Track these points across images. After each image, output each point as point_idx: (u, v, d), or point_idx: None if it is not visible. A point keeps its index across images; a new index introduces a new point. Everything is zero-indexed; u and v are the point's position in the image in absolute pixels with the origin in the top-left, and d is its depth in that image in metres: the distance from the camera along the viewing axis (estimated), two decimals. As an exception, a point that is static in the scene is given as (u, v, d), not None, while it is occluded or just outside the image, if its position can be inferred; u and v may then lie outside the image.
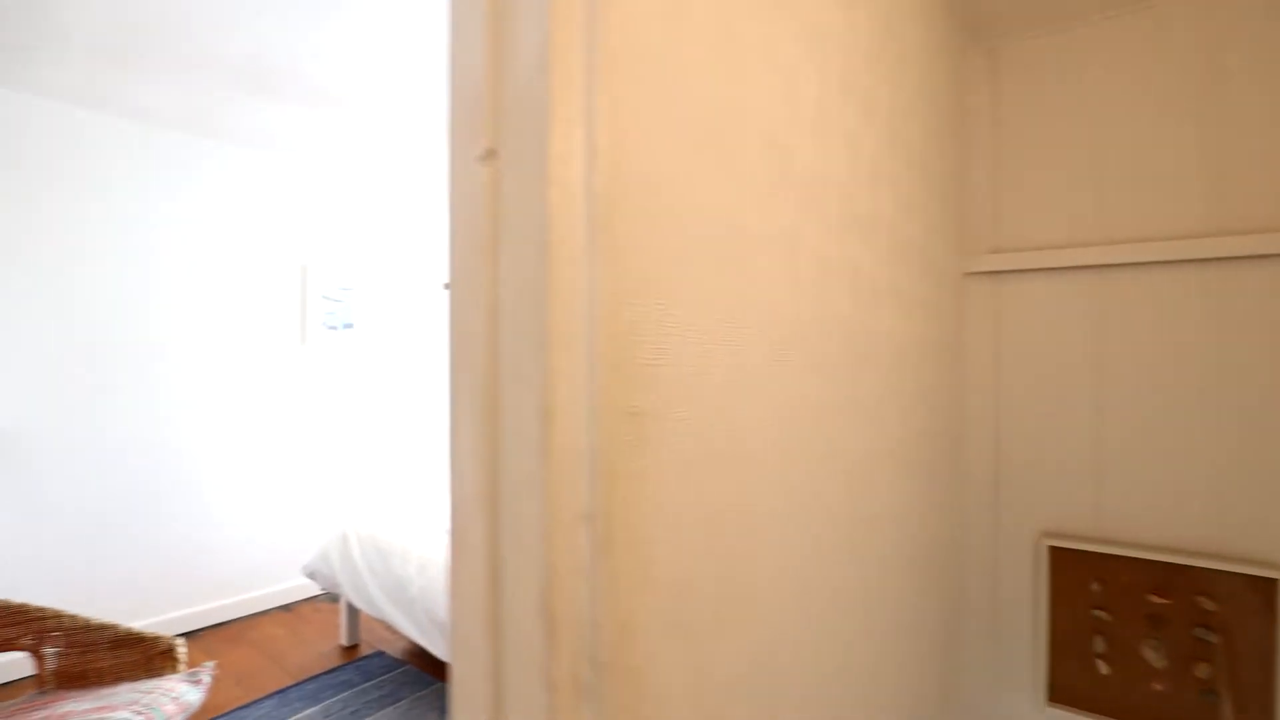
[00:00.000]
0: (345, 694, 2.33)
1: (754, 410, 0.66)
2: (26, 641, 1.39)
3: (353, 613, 2.73)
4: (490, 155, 0.47)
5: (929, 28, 1.28)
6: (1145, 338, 1.33)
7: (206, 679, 1.40)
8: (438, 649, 2.15)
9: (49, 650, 1.39)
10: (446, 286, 0.53)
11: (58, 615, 1.41)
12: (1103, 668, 1.43)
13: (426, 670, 2.49)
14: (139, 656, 1.41)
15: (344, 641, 2.74)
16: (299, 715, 2.20)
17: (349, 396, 3.46)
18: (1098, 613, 1.44)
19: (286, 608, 3.16)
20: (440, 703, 2.27)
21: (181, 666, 1.43)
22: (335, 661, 2.61)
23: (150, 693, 1.29)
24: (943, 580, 1.40)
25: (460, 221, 0.50)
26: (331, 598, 3.19)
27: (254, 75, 2.28)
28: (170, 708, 1.26)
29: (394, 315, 3.67)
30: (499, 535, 0.46)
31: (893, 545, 1.07)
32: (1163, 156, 1.31)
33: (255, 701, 2.28)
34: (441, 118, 2.65)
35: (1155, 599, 1.37)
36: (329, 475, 3.37)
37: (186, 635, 2.83)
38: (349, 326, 3.40)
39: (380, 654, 2.66)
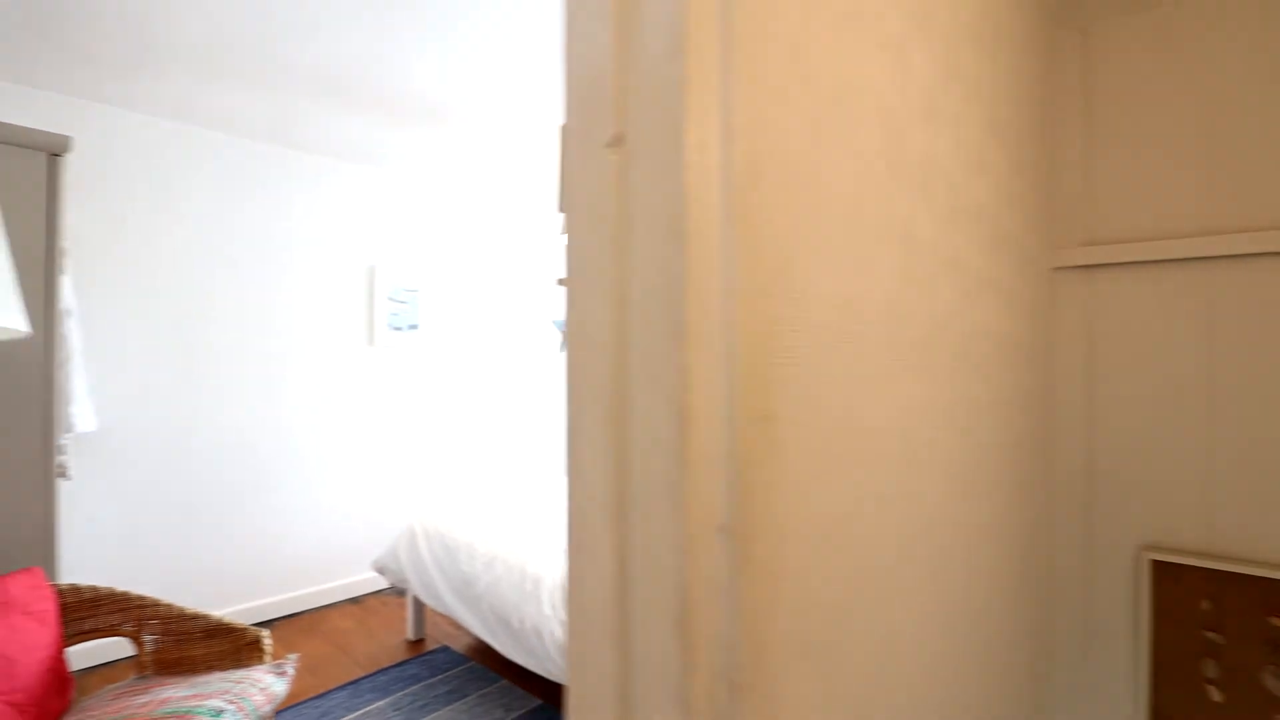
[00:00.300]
0: (414, 688, 2.38)
1: (872, 413, 0.62)
2: (128, 628, 1.45)
3: (418, 607, 2.78)
4: (618, 142, 0.44)
5: (1019, 7, 1.20)
6: (1264, 336, 1.22)
7: (290, 671, 1.43)
8: (503, 646, 2.17)
9: (148, 637, 1.45)
10: (561, 282, 0.51)
11: (155, 604, 1.47)
12: (1215, 695, 1.32)
13: (491, 667, 2.52)
14: (229, 646, 1.46)
15: (410, 636, 2.80)
16: (370, 707, 2.25)
17: (414, 396, 3.54)
18: (1209, 634, 1.32)
19: (355, 600, 3.25)
20: (505, 700, 2.29)
21: (267, 658, 1.47)
22: (402, 655, 2.67)
23: (240, 682, 1.32)
24: (1031, 596, 1.31)
25: (582, 212, 0.47)
26: (397, 592, 3.27)
27: (326, 84, 2.35)
28: (259, 698, 1.30)
29: (457, 316, 3.73)
30: (627, 547, 0.44)
31: (986, 558, 1.01)
32: (1285, 134, 1.20)
33: (328, 692, 2.35)
34: (506, 119, 2.68)
35: (1278, 622, 1.26)
36: (396, 472, 3.46)
37: (263, 624, 2.95)
38: (414, 328, 3.47)
39: (445, 649, 2.71)
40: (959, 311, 0.87)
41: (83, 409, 2.28)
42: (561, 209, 0.53)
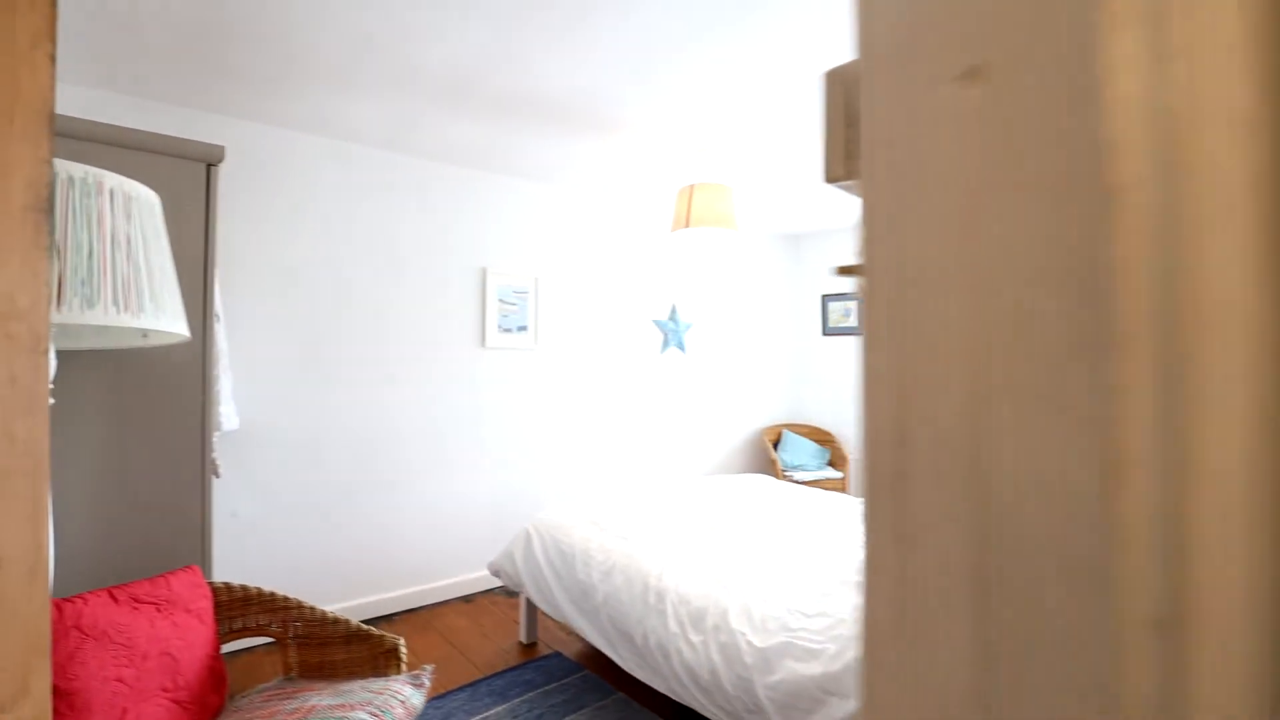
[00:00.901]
0: (530, 694, 2.34)
1: None
2: (275, 629, 1.47)
3: (531, 611, 2.76)
4: (974, 74, 0.32)
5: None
6: None
7: (427, 682, 1.40)
8: (624, 660, 2.09)
9: (293, 639, 1.47)
10: (853, 271, 0.39)
11: (300, 605, 1.49)
12: None
13: (605, 678, 2.45)
14: (367, 654, 1.45)
15: (523, 639, 2.78)
16: (489, 712, 2.23)
17: (525, 397, 3.56)
18: None
19: (467, 599, 3.29)
20: (623, 714, 2.21)
21: (404, 667, 1.45)
22: (516, 658, 2.65)
23: (381, 693, 1.29)
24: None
25: (903, 176, 0.35)
26: (507, 592, 3.28)
27: (446, 89, 2.36)
28: (399, 711, 1.26)
29: (566, 317, 3.72)
30: (995, 643, 0.31)
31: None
32: None
33: (448, 693, 2.36)
34: (622, 121, 2.60)
35: None
36: (508, 473, 3.48)
37: (381, 619, 3.03)
38: (523, 329, 3.48)
39: (558, 655, 2.67)
40: None
41: (228, 409, 2.40)
42: (850, 175, 0.41)
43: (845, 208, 4.22)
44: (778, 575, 2.02)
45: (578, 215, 3.81)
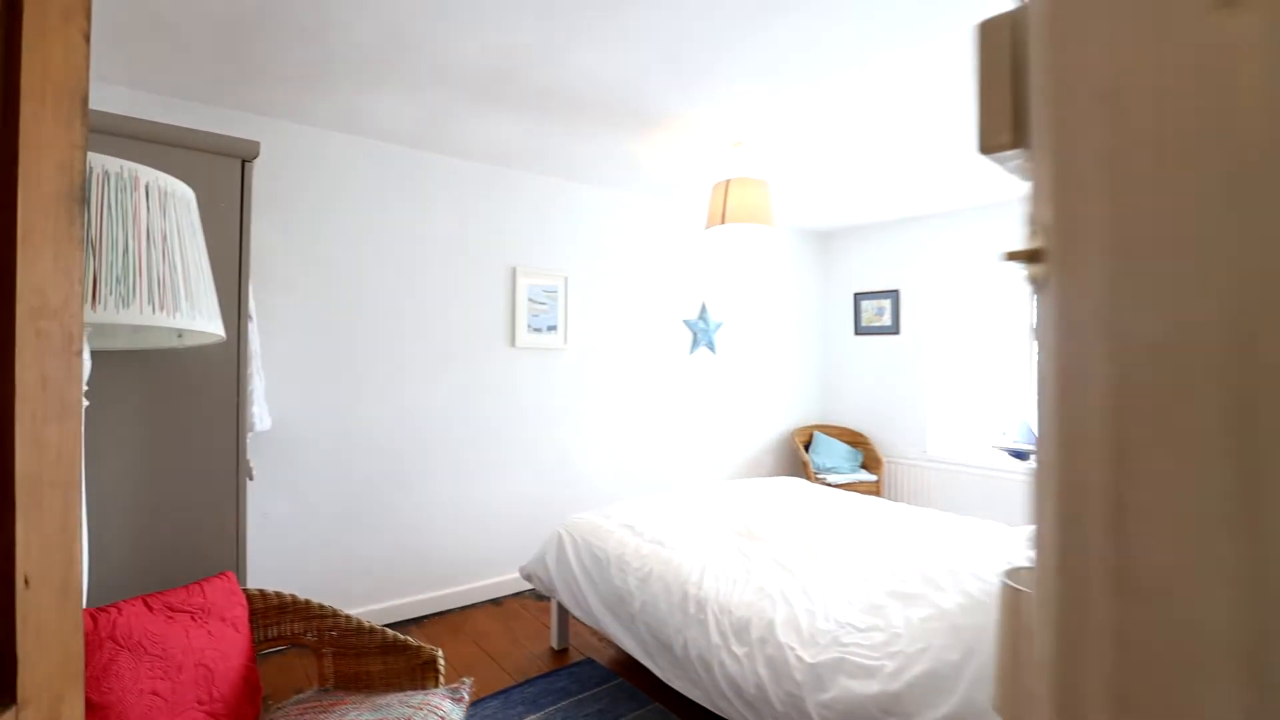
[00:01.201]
0: (564, 703, 2.28)
1: None
2: (310, 638, 1.43)
3: (562, 615, 2.71)
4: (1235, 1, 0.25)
5: None
6: None
7: (466, 696, 1.35)
8: (662, 671, 2.02)
9: (328, 649, 1.42)
10: (1035, 258, 0.31)
11: (335, 614, 1.44)
12: None
13: (640, 687, 2.38)
14: (404, 665, 1.40)
15: (554, 645, 2.73)
16: (523, 720, 2.18)
17: (555, 397, 3.51)
18: None
19: (496, 602, 3.25)
20: (659, 726, 2.15)
21: (442, 679, 1.40)
22: (547, 664, 2.60)
23: (420, 708, 1.24)
24: None
25: (1139, 134, 0.28)
26: (537, 595, 3.24)
27: (475, 86, 2.31)
28: (439, 726, 1.20)
29: (597, 317, 3.67)
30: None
31: None
32: None
33: (480, 700, 2.31)
34: (652, 118, 2.53)
35: None
36: (538, 474, 3.44)
37: (411, 621, 3.00)
38: (553, 329, 3.43)
39: (590, 661, 2.61)
40: None
41: (260, 410, 2.38)
42: (1018, 144, 0.34)
43: (877, 203, 4.10)
44: (823, 584, 1.93)
45: (608, 213, 3.75)
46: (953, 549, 2.22)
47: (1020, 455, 4.03)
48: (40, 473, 0.59)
